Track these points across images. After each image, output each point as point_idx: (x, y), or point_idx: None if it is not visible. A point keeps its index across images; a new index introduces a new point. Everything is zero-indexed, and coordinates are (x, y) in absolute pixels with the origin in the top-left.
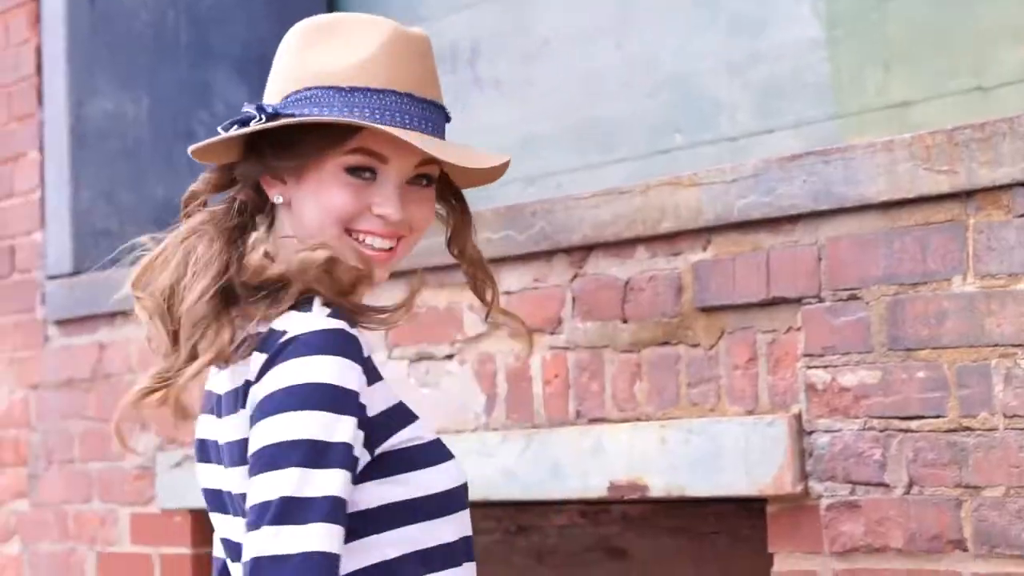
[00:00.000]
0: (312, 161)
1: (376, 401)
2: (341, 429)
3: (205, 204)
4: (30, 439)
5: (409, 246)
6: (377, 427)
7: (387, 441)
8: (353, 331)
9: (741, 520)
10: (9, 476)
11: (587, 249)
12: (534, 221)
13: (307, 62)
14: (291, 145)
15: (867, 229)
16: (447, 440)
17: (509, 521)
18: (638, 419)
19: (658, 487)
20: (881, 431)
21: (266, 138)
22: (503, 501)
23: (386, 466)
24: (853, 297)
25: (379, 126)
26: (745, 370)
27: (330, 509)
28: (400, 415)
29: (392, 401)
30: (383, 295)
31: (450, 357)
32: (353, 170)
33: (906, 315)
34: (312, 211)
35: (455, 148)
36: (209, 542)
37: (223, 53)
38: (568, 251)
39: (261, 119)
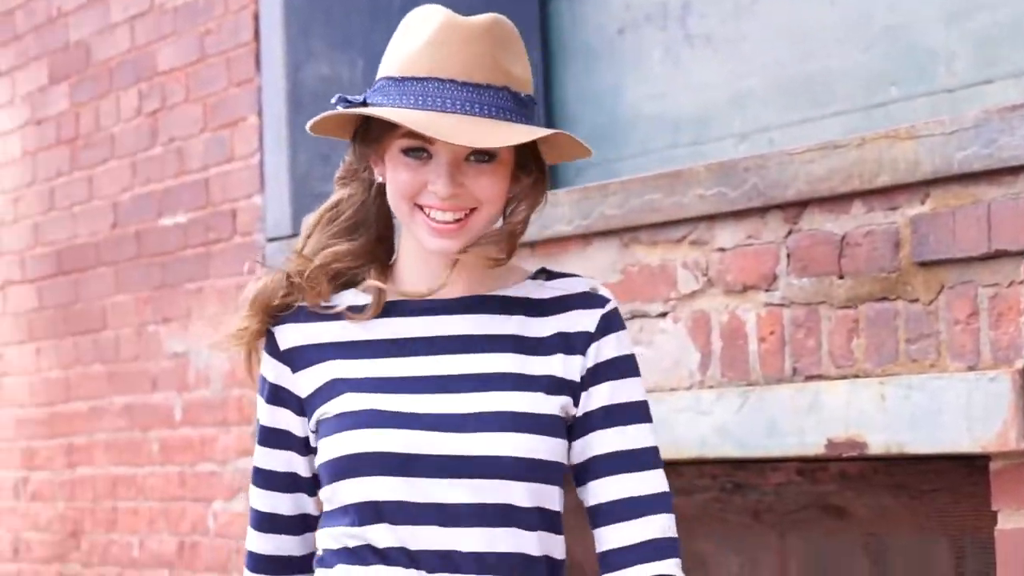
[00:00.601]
0: (382, 145)
1: (306, 385)
2: (259, 410)
3: (347, 184)
4: (254, 398)
5: (485, 218)
6: (309, 406)
7: (313, 417)
8: (276, 328)
9: (962, 477)
10: (233, 435)
11: (802, 204)
12: (747, 177)
13: (389, 52)
14: (368, 132)
15: None
16: (661, 398)
17: (725, 479)
18: (856, 376)
19: (877, 444)
20: None
21: (360, 125)
22: (718, 459)
23: (316, 437)
24: None
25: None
26: (966, 325)
27: (253, 475)
28: (324, 393)
29: (321, 382)
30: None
31: (664, 315)
32: (409, 151)
33: None
34: (389, 189)
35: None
36: None
37: None
38: (782, 207)
39: (336, 108)
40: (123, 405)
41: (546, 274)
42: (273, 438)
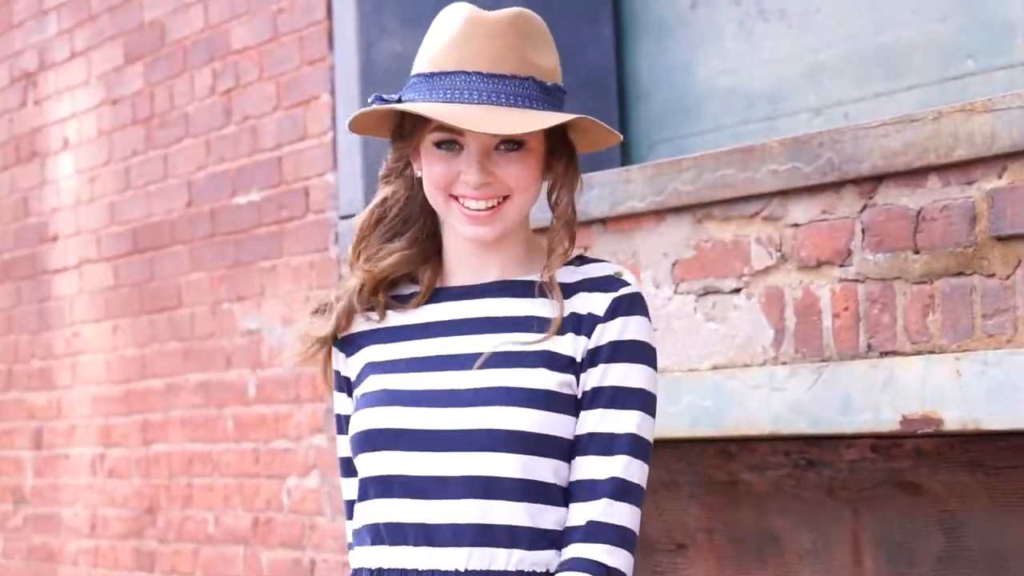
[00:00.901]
0: (416, 140)
1: (353, 369)
2: (334, 402)
3: (390, 181)
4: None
5: (519, 205)
6: (353, 389)
7: (353, 400)
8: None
9: None
10: (307, 412)
11: (877, 179)
12: (821, 152)
13: (420, 50)
14: (403, 128)
15: None
16: (733, 374)
17: (798, 455)
18: (931, 352)
19: (953, 421)
20: None
21: (396, 123)
22: (792, 435)
23: None
24: None
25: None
26: None
27: (340, 466)
28: (360, 377)
29: (360, 366)
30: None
31: (737, 291)
32: (441, 144)
33: None
34: (425, 182)
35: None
36: None
37: None
38: (857, 181)
39: (371, 104)
40: (198, 382)
41: (580, 259)
42: (341, 424)
